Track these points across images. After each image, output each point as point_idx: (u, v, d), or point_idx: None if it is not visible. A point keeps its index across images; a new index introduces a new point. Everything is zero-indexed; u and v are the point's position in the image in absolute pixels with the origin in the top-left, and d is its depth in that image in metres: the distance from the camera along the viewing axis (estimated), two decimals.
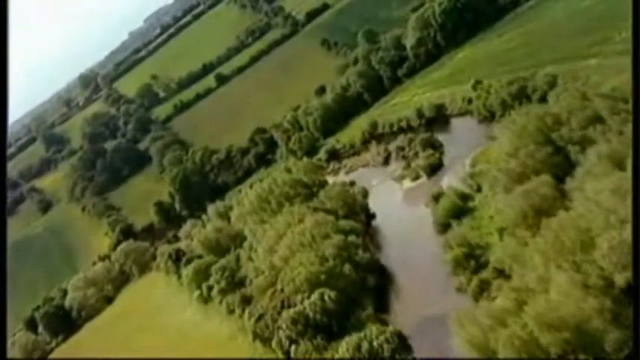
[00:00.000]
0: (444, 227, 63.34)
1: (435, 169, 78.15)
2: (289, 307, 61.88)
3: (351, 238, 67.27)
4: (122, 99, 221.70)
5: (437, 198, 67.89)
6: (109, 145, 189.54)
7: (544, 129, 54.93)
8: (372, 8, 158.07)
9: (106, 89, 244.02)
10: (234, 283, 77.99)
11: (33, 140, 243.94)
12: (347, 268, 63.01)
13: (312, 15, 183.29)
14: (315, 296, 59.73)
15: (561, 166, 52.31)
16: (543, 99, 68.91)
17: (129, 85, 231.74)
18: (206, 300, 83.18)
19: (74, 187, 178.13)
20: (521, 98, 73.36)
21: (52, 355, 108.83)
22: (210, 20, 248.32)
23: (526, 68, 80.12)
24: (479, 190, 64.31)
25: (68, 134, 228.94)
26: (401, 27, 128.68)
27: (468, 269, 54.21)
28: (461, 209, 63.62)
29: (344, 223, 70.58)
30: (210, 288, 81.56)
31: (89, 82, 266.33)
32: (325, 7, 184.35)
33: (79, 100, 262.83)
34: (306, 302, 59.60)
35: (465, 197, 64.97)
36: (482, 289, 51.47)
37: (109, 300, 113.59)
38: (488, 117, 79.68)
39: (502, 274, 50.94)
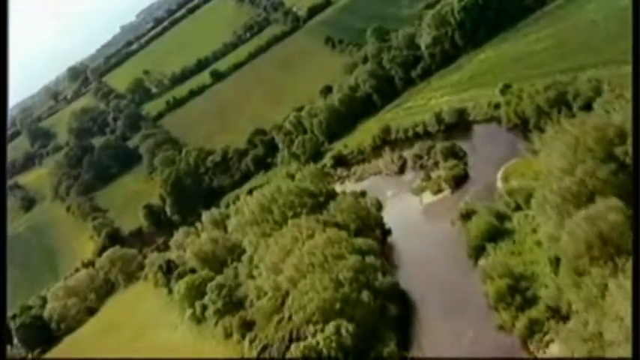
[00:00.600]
0: (477, 250, 55.46)
1: (459, 181, 70.07)
2: (299, 339, 53.90)
3: (369, 259, 59.30)
4: (112, 93, 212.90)
5: (467, 216, 60.09)
6: (97, 141, 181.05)
7: (605, 142, 46.85)
8: (378, 5, 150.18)
9: (96, 83, 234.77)
10: (232, 303, 69.87)
11: (18, 134, 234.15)
12: (365, 294, 55.05)
13: (314, 11, 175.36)
14: (329, 329, 51.74)
15: (627, 187, 44.34)
16: (587, 107, 61.18)
17: (119, 80, 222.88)
18: (199, 320, 75.03)
19: (59, 184, 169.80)
20: (560, 105, 65.52)
21: None
22: (205, 14, 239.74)
23: (561, 72, 72.16)
24: (517, 208, 56.52)
25: (55, 129, 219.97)
26: (412, 25, 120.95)
27: (512, 305, 46.28)
28: (496, 230, 55.76)
29: (360, 242, 62.54)
30: (204, 307, 73.39)
31: (78, 75, 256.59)
32: (328, 3, 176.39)
33: (67, 93, 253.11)
34: (320, 336, 51.61)
35: (500, 217, 57.12)
36: (533, 330, 43.71)
37: (92, 311, 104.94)
38: (519, 125, 71.77)
39: (557, 313, 43.29)
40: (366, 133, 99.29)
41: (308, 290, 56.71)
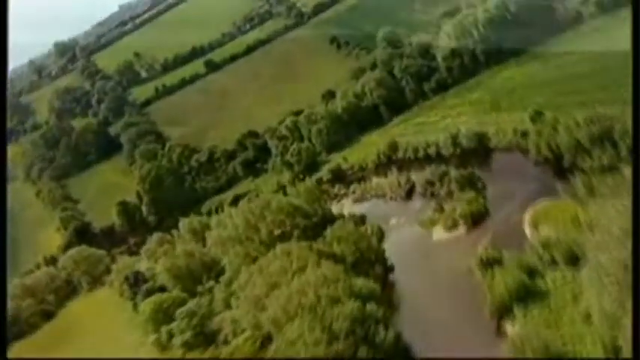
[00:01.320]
0: (501, 310, 46.26)
1: (477, 219, 60.80)
2: None
3: (370, 307, 49.68)
4: (99, 74, 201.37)
5: (487, 264, 50.94)
6: (78, 123, 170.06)
7: None
8: (390, 8, 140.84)
9: (83, 61, 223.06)
10: (204, 334, 60.57)
11: None
12: (363, 351, 45.70)
13: (319, 8, 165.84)
14: None
15: None
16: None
17: (109, 60, 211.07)
18: (164, 347, 65.46)
19: (32, 166, 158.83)
20: (604, 143, 56.58)
21: None
22: (204, 0, 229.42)
23: (601, 103, 62.99)
24: (552, 262, 47.44)
25: (35, 105, 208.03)
26: (427, 33, 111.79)
27: None
28: (526, 289, 46.55)
29: (360, 284, 53.03)
30: (171, 335, 63.88)
31: (66, 51, 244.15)
32: (334, 1, 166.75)
33: (52, 69, 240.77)
34: None
35: (531, 272, 47.96)
36: None
37: (49, 315, 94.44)
38: (551, 159, 62.69)
39: None
40: (369, 147, 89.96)
41: (295, 340, 47.27)
